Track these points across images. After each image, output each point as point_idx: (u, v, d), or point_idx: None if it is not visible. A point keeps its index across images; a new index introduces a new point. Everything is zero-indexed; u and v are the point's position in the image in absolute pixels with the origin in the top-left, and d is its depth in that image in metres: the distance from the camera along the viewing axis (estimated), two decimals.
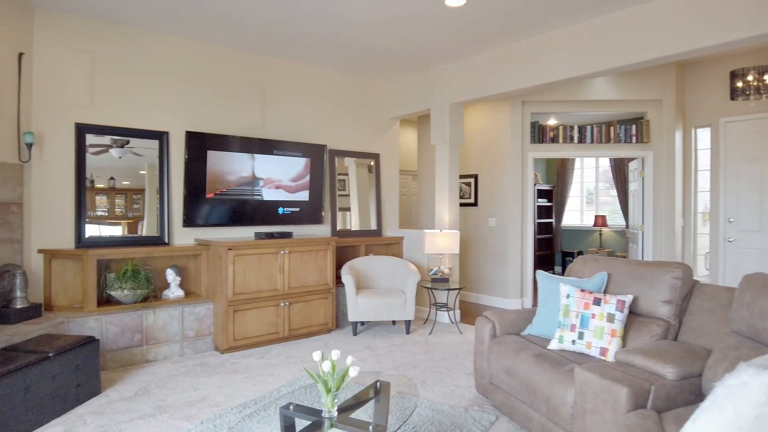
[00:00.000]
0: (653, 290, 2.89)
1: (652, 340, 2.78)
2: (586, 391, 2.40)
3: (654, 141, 6.52)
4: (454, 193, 6.00)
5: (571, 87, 6.47)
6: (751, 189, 6.02)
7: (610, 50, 4.42)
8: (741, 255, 6.09)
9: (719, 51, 4.29)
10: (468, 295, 7.19)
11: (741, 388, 1.60)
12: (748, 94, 5.59)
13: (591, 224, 9.82)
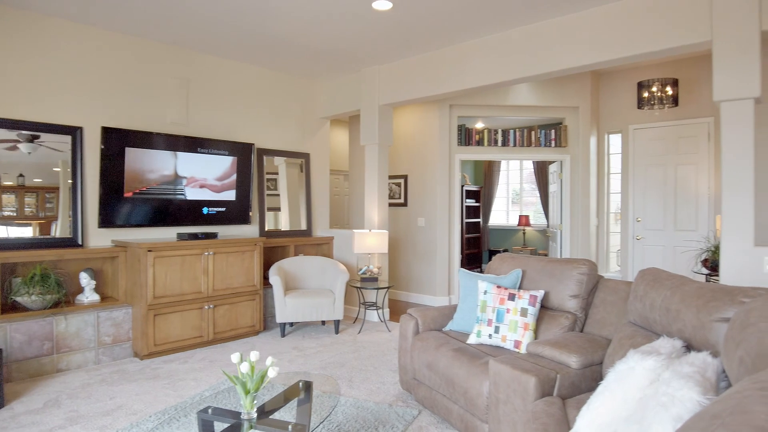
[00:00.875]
0: (562, 285, 3.09)
1: (561, 332, 2.96)
2: (499, 382, 2.52)
3: (571, 145, 6.92)
4: (383, 194, 6.08)
5: (496, 92, 6.73)
6: (656, 191, 6.53)
7: (532, 58, 4.65)
8: (647, 251, 6.59)
9: (628, 63, 4.63)
10: (398, 293, 7.30)
11: (628, 373, 1.75)
12: (653, 103, 6.07)
13: (516, 224, 10.26)
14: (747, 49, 3.54)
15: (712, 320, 1.92)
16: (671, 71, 6.32)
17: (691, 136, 6.26)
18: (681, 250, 6.17)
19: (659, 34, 3.95)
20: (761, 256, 3.50)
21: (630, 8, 4.08)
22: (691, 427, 0.79)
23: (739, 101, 3.58)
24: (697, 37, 3.79)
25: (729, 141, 3.63)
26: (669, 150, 6.44)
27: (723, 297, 1.94)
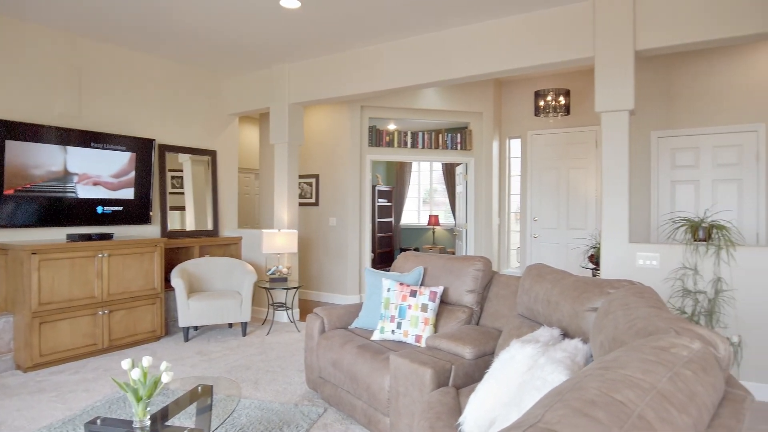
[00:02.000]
0: (460, 281, 3.25)
1: (458, 325, 3.12)
2: (398, 375, 2.62)
3: (476, 148, 7.26)
4: (293, 193, 6.04)
5: (406, 95, 6.91)
6: (551, 193, 7.04)
7: (439, 64, 4.83)
8: (543, 248, 7.08)
9: (527, 73, 4.96)
10: (309, 293, 7.28)
11: (509, 361, 1.90)
12: (548, 112, 6.53)
13: (426, 223, 10.59)
14: (623, 66, 3.93)
15: (584, 310, 2.13)
16: (564, 82, 6.85)
17: (581, 142, 6.82)
18: (572, 247, 6.70)
19: (552, 48, 4.27)
20: (635, 252, 3.91)
21: (527, 23, 4.38)
22: (538, 404, 0.88)
23: (616, 113, 3.97)
24: (583, 53, 4.14)
25: (608, 148, 4.01)
26: (562, 155, 6.97)
27: (594, 289, 2.16)
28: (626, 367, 0.99)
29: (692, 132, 5.36)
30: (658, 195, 5.54)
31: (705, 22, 3.69)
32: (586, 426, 0.74)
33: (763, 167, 5.04)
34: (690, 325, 1.30)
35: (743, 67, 5.18)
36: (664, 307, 1.69)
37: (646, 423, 0.80)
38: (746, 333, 3.59)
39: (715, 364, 1.15)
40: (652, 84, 5.60)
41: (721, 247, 3.60)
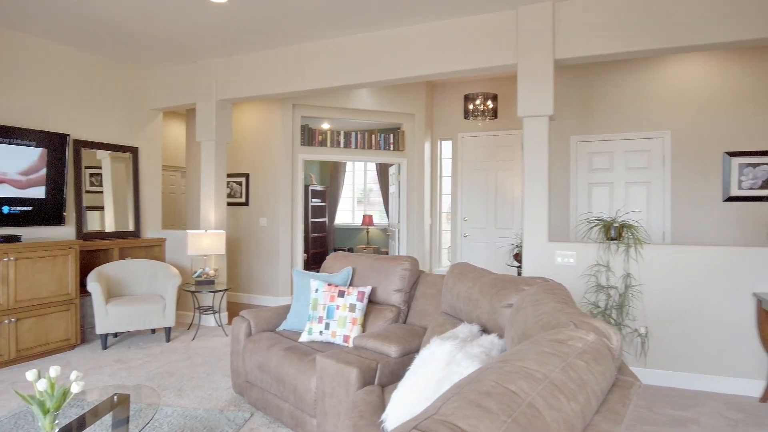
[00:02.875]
0: (388, 281, 3.29)
1: (386, 324, 3.16)
2: (325, 376, 2.61)
3: (408, 149, 7.37)
4: (221, 192, 5.87)
5: (339, 95, 6.90)
6: (480, 193, 7.27)
7: (371, 65, 4.86)
8: (473, 248, 7.30)
9: (457, 77, 5.09)
10: (239, 296, 7.10)
11: (429, 358, 1.95)
12: (477, 115, 6.73)
13: (360, 223, 10.62)
14: (543, 74, 4.13)
15: (501, 306, 2.22)
16: (493, 87, 7.09)
17: (507, 145, 7.09)
18: (498, 246, 6.96)
19: (479, 54, 4.41)
20: (554, 250, 4.11)
21: (457, 28, 4.49)
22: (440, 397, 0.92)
23: (537, 118, 4.17)
24: (507, 60, 4.31)
25: (529, 152, 4.20)
26: (490, 157, 7.22)
27: (510, 286, 2.26)
28: (524, 359, 1.04)
29: (607, 137, 5.73)
30: (577, 196, 5.86)
31: (615, 36, 3.95)
32: (478, 415, 0.78)
33: (669, 171, 5.47)
34: (588, 319, 1.39)
35: (652, 79, 5.59)
36: (570, 302, 1.79)
37: (535, 410, 0.85)
38: (653, 324, 3.87)
39: (607, 354, 1.24)
40: (572, 91, 5.92)
41: (630, 245, 3.86)
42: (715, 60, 5.35)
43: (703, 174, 5.34)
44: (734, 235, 5.20)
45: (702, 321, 3.76)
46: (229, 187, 7.07)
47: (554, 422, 0.86)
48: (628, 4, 3.93)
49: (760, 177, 5.10)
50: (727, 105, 5.28)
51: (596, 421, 1.02)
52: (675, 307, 3.81)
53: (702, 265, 3.75)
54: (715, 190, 5.30)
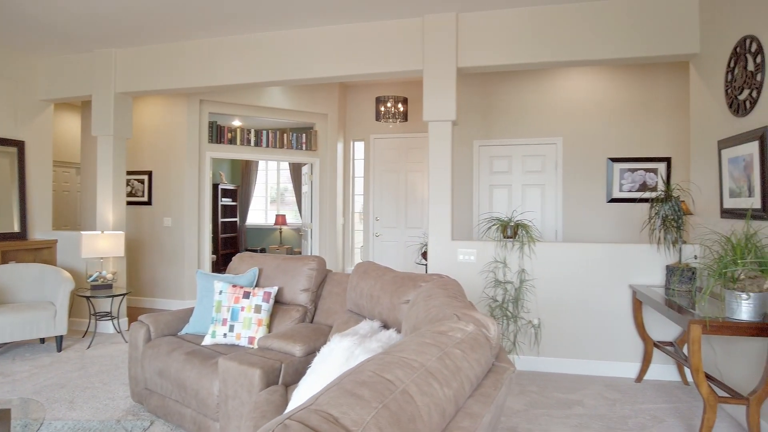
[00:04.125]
0: (295, 281, 3.31)
1: (292, 324, 3.17)
2: (227, 378, 2.58)
3: (321, 149, 7.38)
4: (119, 191, 5.54)
5: (250, 92, 6.76)
6: (391, 194, 7.43)
7: (282, 64, 4.82)
8: (385, 247, 7.45)
9: (369, 79, 5.18)
10: (142, 300, 6.73)
11: (329, 354, 1.99)
12: (388, 117, 6.88)
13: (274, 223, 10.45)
14: (447, 80, 4.33)
15: (400, 302, 2.32)
16: (404, 90, 7.28)
17: (417, 147, 7.32)
18: (408, 245, 7.17)
19: (389, 58, 4.53)
20: (456, 248, 4.32)
21: (367, 31, 4.58)
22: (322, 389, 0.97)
23: (441, 122, 4.36)
24: (415, 65, 4.47)
25: (434, 155, 4.38)
26: (401, 159, 7.41)
27: (408, 283, 2.36)
28: (404, 350, 1.12)
29: (507, 142, 6.10)
30: (479, 197, 6.19)
31: (511, 49, 4.24)
32: (350, 403, 0.83)
33: (560, 174, 5.94)
34: (470, 311, 1.51)
35: (546, 89, 6.03)
36: (460, 297, 1.92)
37: (408, 396, 0.92)
38: (545, 315, 4.19)
39: (484, 343, 1.36)
40: (476, 98, 6.24)
41: (525, 243, 4.16)
42: (600, 75, 5.88)
43: (590, 177, 5.86)
44: (616, 232, 5.75)
45: (587, 311, 4.13)
46: (129, 185, 6.68)
47: (425, 407, 0.94)
48: (521, 21, 4.23)
49: (638, 180, 5.69)
50: (610, 115, 5.83)
51: (469, 404, 1.13)
52: (564, 299, 4.16)
53: (587, 260, 4.12)
54: (600, 192, 5.83)
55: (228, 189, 9.99)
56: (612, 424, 3.22)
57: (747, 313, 2.76)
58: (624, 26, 4.07)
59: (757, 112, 3.13)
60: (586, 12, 4.14)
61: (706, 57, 3.88)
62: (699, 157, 3.99)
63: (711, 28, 3.78)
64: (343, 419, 0.78)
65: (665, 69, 5.66)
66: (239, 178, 10.59)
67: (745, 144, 3.23)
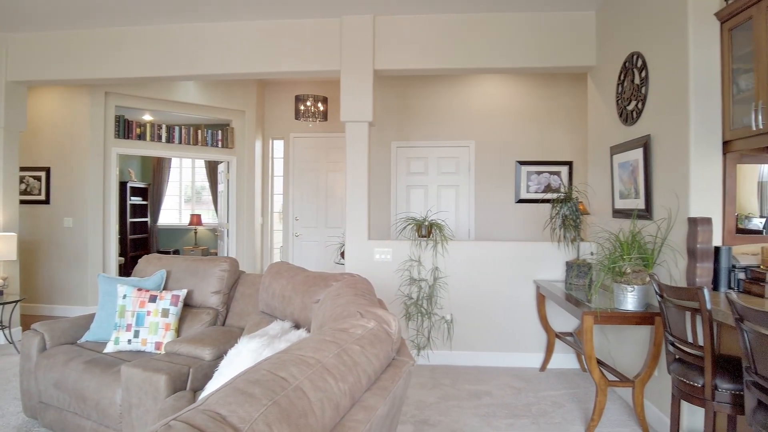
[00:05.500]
0: (205, 283, 3.21)
1: (202, 328, 3.08)
2: (131, 386, 2.46)
3: (238, 147, 7.19)
4: (11, 188, 5.08)
5: (161, 85, 6.45)
6: (312, 193, 7.39)
7: (197, 57, 4.64)
8: (305, 247, 7.39)
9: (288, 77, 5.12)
10: (39, 307, 6.22)
11: (236, 356, 1.97)
12: (308, 116, 6.83)
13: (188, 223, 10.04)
14: (364, 82, 4.39)
15: (311, 302, 2.33)
16: (324, 90, 7.25)
17: (338, 147, 7.32)
18: (327, 245, 7.16)
19: (307, 57, 4.52)
20: (372, 248, 4.39)
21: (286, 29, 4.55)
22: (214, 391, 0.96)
23: (358, 123, 4.41)
24: (332, 65, 4.49)
25: (351, 155, 4.43)
26: (321, 158, 7.39)
27: (320, 282, 2.38)
28: (303, 348, 1.14)
29: (423, 144, 6.28)
30: (397, 197, 6.32)
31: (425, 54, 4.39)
32: (240, 401, 0.84)
33: (473, 176, 6.20)
34: (373, 308, 1.56)
35: (460, 94, 6.28)
36: (369, 295, 1.97)
37: (301, 393, 0.95)
38: (457, 311, 4.36)
39: (385, 339, 1.41)
40: (394, 100, 6.36)
41: (438, 242, 4.31)
42: (510, 82, 6.21)
43: (500, 179, 6.17)
44: (524, 231, 6.09)
45: (496, 306, 4.35)
46: (24, 182, 6.15)
47: (319, 402, 0.97)
48: (435, 28, 4.39)
49: (543, 183, 6.07)
50: (519, 121, 6.17)
51: (365, 397, 1.17)
52: (475, 295, 4.35)
53: (495, 258, 4.34)
54: (510, 194, 6.16)
55: (138, 187, 9.46)
56: (517, 411, 3.42)
57: (632, 303, 3.04)
58: (529, 38, 4.34)
59: (643, 122, 3.46)
60: (495, 22, 4.36)
61: (601, 70, 4.22)
62: (595, 162, 4.33)
63: (605, 43, 4.12)
64: (230, 417, 0.79)
65: (568, 79, 6.08)
66: (150, 176, 10.06)
67: (632, 150, 3.55)
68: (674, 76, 3.04)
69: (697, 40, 2.89)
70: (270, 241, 7.74)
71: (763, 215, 3.02)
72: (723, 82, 2.86)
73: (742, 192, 3.05)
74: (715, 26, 2.88)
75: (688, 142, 2.89)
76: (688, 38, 2.90)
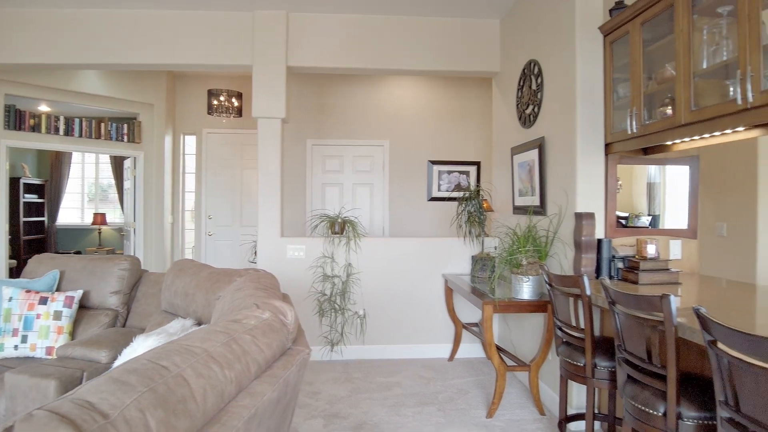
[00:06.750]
0: (104, 283, 3.06)
1: (100, 330, 2.93)
2: (16, 395, 2.30)
3: (146, 142, 6.85)
4: None
5: (59, 74, 5.99)
6: (226, 191, 7.19)
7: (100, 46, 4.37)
8: (219, 246, 7.19)
9: (201, 70, 4.94)
10: None
11: (131, 355, 1.91)
12: (221, 112, 6.65)
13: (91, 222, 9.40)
14: (276, 78, 4.36)
15: (214, 299, 2.30)
16: (238, 85, 7.08)
17: (253, 144, 7.17)
18: (241, 243, 7.02)
19: (218, 51, 4.41)
20: (285, 245, 4.38)
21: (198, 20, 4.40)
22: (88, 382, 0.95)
23: (270, 119, 4.37)
24: (244, 60, 4.42)
25: (263, 152, 4.38)
26: (236, 155, 7.21)
27: (224, 279, 2.36)
28: (190, 338, 1.15)
29: (339, 142, 6.33)
30: (312, 195, 6.33)
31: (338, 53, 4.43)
32: (112, 390, 0.85)
33: (387, 175, 6.34)
34: (271, 300, 1.58)
35: (375, 94, 6.39)
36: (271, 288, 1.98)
37: (181, 380, 0.96)
38: (370, 306, 4.45)
39: (280, 328, 1.44)
40: (309, 98, 6.35)
41: (351, 239, 4.37)
42: (423, 84, 6.41)
43: (414, 178, 6.36)
44: (436, 228, 6.32)
45: (407, 300, 4.49)
46: None
47: (201, 389, 0.98)
48: (348, 27, 4.45)
49: (453, 181, 6.34)
50: (431, 122, 6.39)
51: (253, 384, 1.19)
52: (387, 290, 4.46)
53: (406, 253, 4.48)
54: (422, 192, 6.36)
55: (33, 184, 8.73)
56: (425, 400, 3.56)
57: (528, 293, 3.27)
58: (439, 42, 4.52)
59: (538, 125, 3.72)
60: (407, 26, 4.50)
61: (504, 76, 4.48)
62: (498, 162, 4.59)
63: (508, 51, 4.38)
64: (100, 405, 0.79)
65: (476, 84, 6.38)
66: (48, 172, 9.31)
67: (529, 151, 3.82)
68: (564, 83, 3.31)
69: (583, 50, 3.16)
70: (181, 241, 7.45)
71: (650, 213, 3.37)
72: (605, 90, 3.16)
73: (634, 192, 3.39)
74: (599, 39, 3.17)
75: (575, 143, 3.15)
76: (576, 49, 3.17)
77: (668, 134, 2.60)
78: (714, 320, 1.60)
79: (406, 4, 4.25)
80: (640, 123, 2.76)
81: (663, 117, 2.62)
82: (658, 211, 3.37)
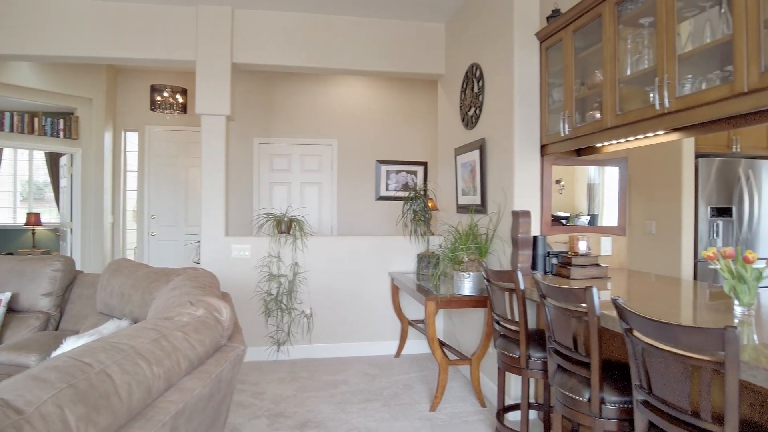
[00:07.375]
0: (34, 285, 2.93)
1: (30, 334, 2.80)
2: None
3: (84, 138, 6.57)
4: None
5: None
6: (170, 190, 6.99)
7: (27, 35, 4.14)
8: (162, 247, 6.98)
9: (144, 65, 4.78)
10: None
11: None
12: (165, 108, 6.46)
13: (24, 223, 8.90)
14: (221, 74, 4.29)
15: (151, 298, 2.26)
16: (183, 81, 6.90)
17: (198, 142, 6.96)
18: (186, 243, 6.85)
19: (159, 45, 4.29)
20: (230, 244, 4.32)
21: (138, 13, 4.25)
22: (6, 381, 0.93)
23: (215, 117, 4.30)
24: (187, 56, 4.32)
25: (207, 150, 4.31)
26: (180, 153, 7.03)
27: (162, 278, 2.32)
28: (117, 336, 1.14)
29: (287, 141, 6.29)
30: (259, 194, 6.26)
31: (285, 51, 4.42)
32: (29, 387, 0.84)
33: (335, 174, 6.36)
34: (206, 297, 1.58)
35: (324, 93, 6.39)
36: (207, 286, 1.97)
37: (105, 376, 0.96)
38: (317, 305, 4.46)
39: (214, 325, 1.44)
40: (256, 95, 6.28)
41: (298, 238, 4.36)
42: (372, 85, 6.47)
43: (362, 177, 6.41)
44: (384, 227, 6.39)
45: (354, 298, 4.52)
46: None
47: (125, 384, 0.98)
48: (296, 25, 4.44)
49: (401, 181, 6.43)
50: (380, 122, 6.46)
51: (184, 380, 1.20)
52: (335, 289, 4.49)
53: (353, 252, 4.51)
54: (370, 191, 6.42)
55: None
56: (370, 396, 3.60)
57: (469, 289, 3.38)
58: (386, 43, 4.58)
59: (480, 126, 3.84)
60: (354, 25, 4.53)
61: (449, 78, 4.59)
62: (443, 162, 4.70)
63: (452, 54, 4.49)
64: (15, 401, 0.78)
65: (423, 85, 6.49)
66: None
67: (472, 151, 3.93)
68: (504, 87, 3.44)
69: (521, 55, 3.30)
70: (122, 242, 7.19)
71: (590, 213, 3.54)
72: (541, 94, 3.30)
73: (576, 193, 3.56)
74: (536, 45, 3.31)
75: (513, 145, 3.28)
76: (514, 54, 3.30)
77: (597, 137, 2.76)
78: (629, 309, 1.73)
79: (355, 4, 4.28)
80: (572, 126, 2.91)
81: (592, 120, 2.77)
82: (597, 211, 3.55)
